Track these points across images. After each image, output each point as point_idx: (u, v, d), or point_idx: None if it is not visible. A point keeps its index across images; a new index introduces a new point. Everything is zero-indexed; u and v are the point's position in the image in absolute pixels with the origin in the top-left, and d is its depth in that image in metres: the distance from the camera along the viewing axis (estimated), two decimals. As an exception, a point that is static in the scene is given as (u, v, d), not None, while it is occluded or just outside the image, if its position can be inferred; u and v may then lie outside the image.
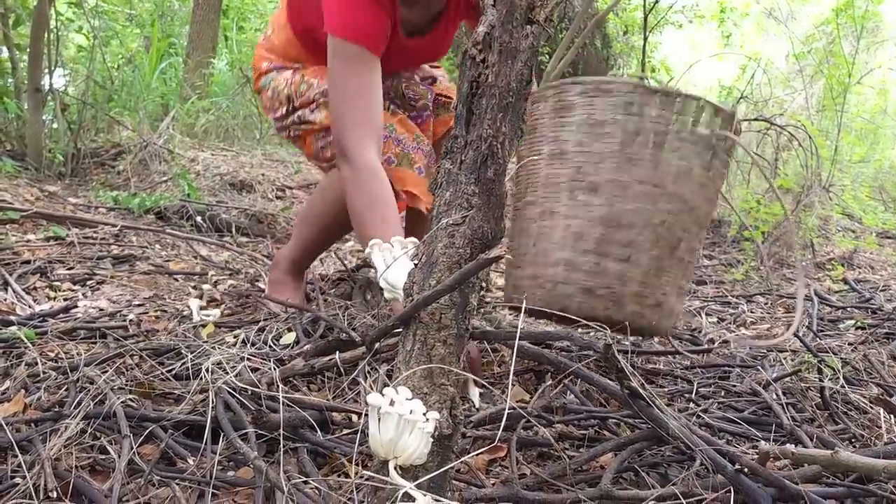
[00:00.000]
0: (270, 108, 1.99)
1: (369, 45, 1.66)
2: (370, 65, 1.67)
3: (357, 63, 1.66)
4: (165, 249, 2.81)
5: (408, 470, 1.00)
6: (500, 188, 1.04)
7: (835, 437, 1.48)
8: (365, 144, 1.61)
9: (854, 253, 4.80)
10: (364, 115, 1.64)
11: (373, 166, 1.60)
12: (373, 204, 1.57)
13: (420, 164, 1.81)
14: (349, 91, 1.65)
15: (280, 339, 1.69)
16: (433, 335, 1.04)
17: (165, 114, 5.48)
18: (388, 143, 1.80)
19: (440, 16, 1.90)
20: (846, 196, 5.95)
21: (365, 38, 1.66)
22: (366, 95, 1.65)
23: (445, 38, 1.96)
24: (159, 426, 1.26)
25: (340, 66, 1.66)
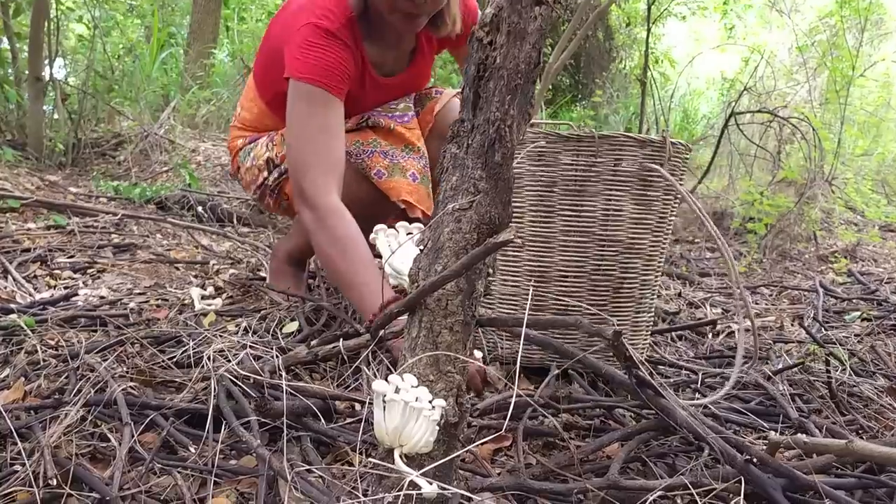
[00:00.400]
0: (251, 181, 1.96)
1: (328, 84, 1.64)
2: (330, 105, 1.65)
3: (316, 104, 1.64)
4: (166, 239, 2.79)
5: (413, 458, 0.98)
6: (508, 173, 1.02)
7: (843, 428, 1.47)
8: (324, 186, 1.59)
9: (857, 246, 4.79)
10: (323, 156, 1.62)
11: (334, 207, 1.58)
12: (337, 244, 1.54)
13: (413, 171, 1.78)
14: (308, 132, 1.63)
15: (282, 328, 1.67)
16: (439, 322, 1.02)
17: (166, 104, 5.46)
18: (375, 157, 1.77)
19: (415, 53, 1.90)
20: (849, 189, 5.93)
21: (323, 77, 1.64)
22: (325, 137, 1.63)
23: (423, 73, 1.96)
24: (160, 414, 1.25)
25: (298, 107, 1.65)
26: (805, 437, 1.04)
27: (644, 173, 1.52)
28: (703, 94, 9.77)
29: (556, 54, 5.74)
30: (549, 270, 1.54)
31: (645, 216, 1.56)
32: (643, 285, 1.63)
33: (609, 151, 1.50)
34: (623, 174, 1.51)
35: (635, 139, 1.51)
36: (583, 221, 1.53)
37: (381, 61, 1.83)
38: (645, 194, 1.55)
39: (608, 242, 1.53)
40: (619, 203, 1.52)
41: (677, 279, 3.25)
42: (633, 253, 1.57)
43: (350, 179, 1.77)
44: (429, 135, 1.88)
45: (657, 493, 1.07)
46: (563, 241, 1.53)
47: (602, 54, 9.50)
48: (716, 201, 5.36)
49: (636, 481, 1.11)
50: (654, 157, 1.53)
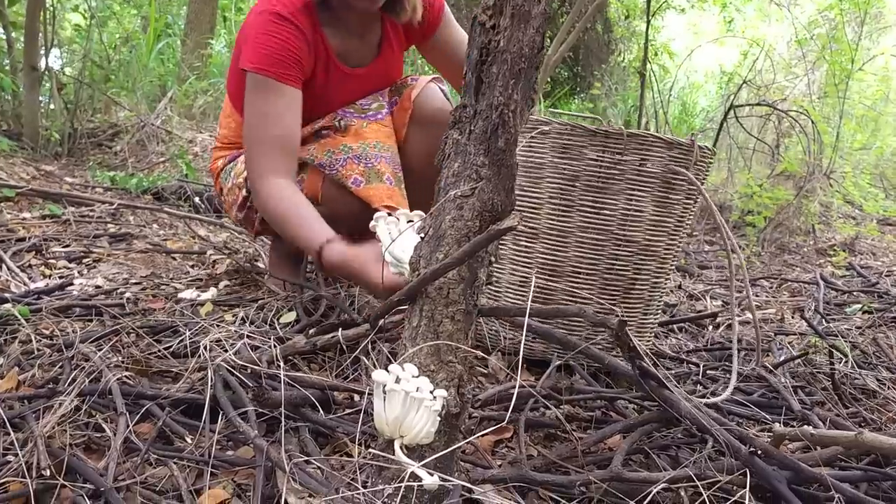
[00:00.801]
0: (233, 202, 1.94)
1: (275, 73, 1.65)
2: (279, 92, 1.66)
3: (266, 92, 1.65)
4: (163, 229, 2.77)
5: (413, 450, 0.96)
6: (511, 159, 1.00)
7: (847, 421, 1.46)
8: (273, 170, 1.62)
9: (856, 239, 4.79)
10: (273, 142, 1.64)
11: (281, 184, 1.62)
12: (277, 219, 1.61)
13: (387, 174, 1.75)
14: (256, 119, 1.65)
15: (280, 318, 1.65)
16: (440, 311, 1.00)
17: (163, 94, 5.43)
18: (349, 164, 1.74)
19: (382, 44, 1.88)
20: (847, 183, 5.92)
21: (271, 66, 1.65)
22: (271, 122, 1.64)
23: (393, 66, 1.93)
24: (156, 404, 1.23)
25: (251, 97, 1.66)
26: (812, 429, 1.03)
27: (668, 175, 1.50)
28: (702, 87, 9.75)
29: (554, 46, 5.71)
30: (563, 265, 1.51)
31: (664, 218, 1.54)
32: (654, 287, 1.60)
33: (635, 150, 1.48)
34: (647, 174, 1.49)
35: (663, 140, 1.49)
36: (602, 219, 1.50)
37: (345, 50, 1.80)
38: (667, 196, 1.52)
39: (624, 242, 1.51)
40: (640, 203, 1.50)
41: (677, 271, 3.23)
42: (648, 255, 1.54)
43: (333, 195, 1.77)
44: (409, 121, 1.85)
45: (660, 486, 1.06)
46: (580, 237, 1.51)
47: (601, 47, 9.47)
48: (714, 194, 5.35)
49: (639, 473, 1.10)
50: (681, 160, 1.51)
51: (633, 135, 1.48)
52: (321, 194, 1.77)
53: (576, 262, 1.51)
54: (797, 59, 6.88)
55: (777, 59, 6.63)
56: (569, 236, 1.52)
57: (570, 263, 1.51)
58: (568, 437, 1.32)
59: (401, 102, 1.86)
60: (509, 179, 1.00)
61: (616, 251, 1.51)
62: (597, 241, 1.52)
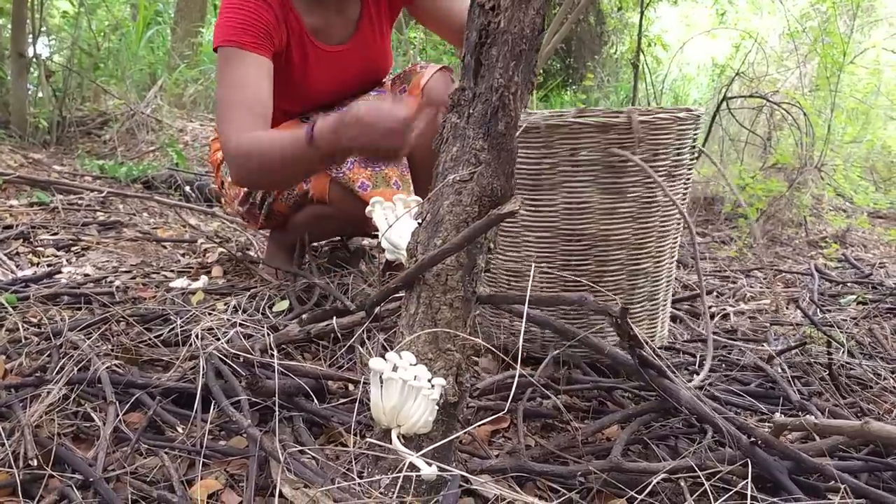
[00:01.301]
0: (235, 195, 1.91)
1: (240, 41, 1.60)
2: (245, 60, 1.61)
3: (233, 62, 1.60)
4: (153, 217, 2.74)
5: (411, 439, 0.94)
6: (511, 143, 0.98)
7: (845, 411, 1.45)
8: (236, 131, 1.54)
9: (847, 232, 4.79)
10: (242, 106, 1.57)
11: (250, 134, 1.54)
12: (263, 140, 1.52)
13: (395, 178, 1.73)
14: (226, 89, 1.59)
15: (273, 307, 1.63)
16: (438, 298, 0.98)
17: (153, 83, 5.37)
18: (356, 168, 1.72)
19: (360, 18, 1.83)
20: (838, 176, 5.93)
21: (235, 36, 1.60)
22: (244, 88, 1.59)
23: (375, 43, 1.88)
24: (146, 393, 1.20)
25: (221, 73, 1.62)
26: (815, 419, 1.01)
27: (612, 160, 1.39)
28: (694, 79, 9.74)
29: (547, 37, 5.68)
30: (521, 264, 1.47)
31: (617, 206, 1.42)
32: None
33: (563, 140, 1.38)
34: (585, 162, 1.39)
35: (594, 124, 1.37)
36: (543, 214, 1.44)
37: (322, 28, 1.76)
38: (617, 181, 1.40)
39: (576, 238, 1.43)
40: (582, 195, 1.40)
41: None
42: (614, 243, 1.46)
43: (340, 196, 1.74)
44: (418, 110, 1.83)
45: (660, 476, 1.04)
46: (528, 237, 1.45)
47: (593, 38, 9.45)
48: (706, 186, 5.34)
49: (639, 464, 1.08)
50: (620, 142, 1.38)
51: (553, 126, 1.38)
52: (328, 195, 1.76)
53: (529, 259, 1.46)
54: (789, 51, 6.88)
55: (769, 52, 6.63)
56: (517, 237, 1.48)
57: (525, 264, 1.47)
58: (565, 428, 1.31)
59: (410, 90, 1.84)
60: (509, 164, 0.98)
61: (567, 247, 1.44)
62: (543, 238, 1.45)
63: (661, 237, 1.50)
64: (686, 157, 1.49)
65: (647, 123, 1.39)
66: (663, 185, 1.36)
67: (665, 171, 1.44)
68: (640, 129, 1.36)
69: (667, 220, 1.51)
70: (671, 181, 1.46)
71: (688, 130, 1.45)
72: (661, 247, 1.51)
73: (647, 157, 1.40)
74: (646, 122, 1.38)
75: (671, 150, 1.44)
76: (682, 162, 1.48)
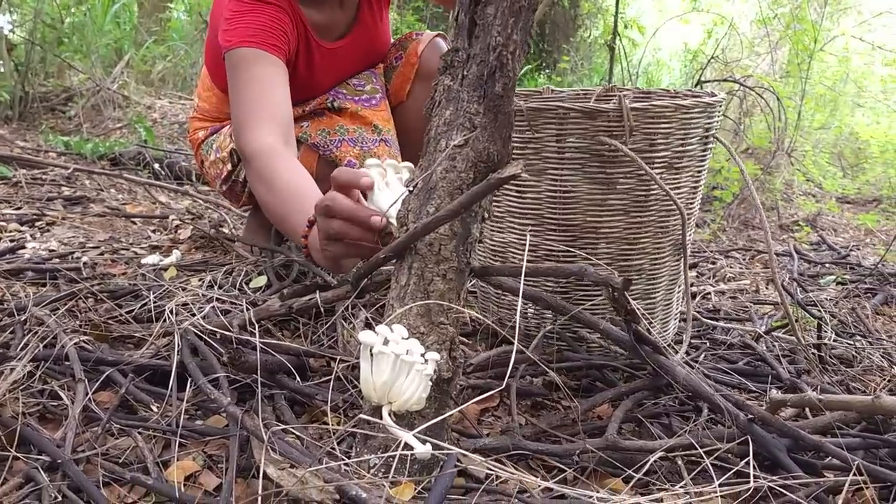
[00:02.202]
0: (217, 175, 1.82)
1: (258, 42, 1.50)
2: (262, 61, 1.50)
3: (248, 64, 1.50)
4: (121, 193, 2.64)
5: (402, 417, 0.90)
6: (509, 106, 0.93)
7: (836, 388, 1.43)
8: (254, 133, 1.43)
9: (818, 216, 4.84)
10: (257, 106, 1.46)
11: (267, 147, 1.39)
12: (264, 182, 1.36)
13: (385, 157, 1.67)
14: (242, 92, 1.48)
15: (250, 283, 1.57)
16: (431, 269, 0.93)
17: (119, 59, 5.21)
18: (344, 146, 1.65)
19: (359, 8, 1.76)
20: (807, 161, 5.98)
21: (251, 37, 1.50)
22: (257, 89, 1.48)
23: (377, 32, 1.81)
24: (118, 370, 1.14)
25: (233, 75, 1.51)
26: (818, 395, 0.98)
27: (599, 148, 1.30)
28: (666, 65, 9.75)
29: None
30: (504, 250, 1.42)
31: (608, 196, 1.33)
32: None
33: (548, 124, 1.30)
34: (572, 149, 1.30)
35: (580, 109, 1.28)
36: (528, 200, 1.36)
37: (324, 25, 1.69)
38: (605, 170, 1.31)
39: (565, 229, 1.35)
40: (570, 185, 1.32)
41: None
42: (606, 236, 1.39)
43: (324, 173, 1.66)
44: (415, 77, 1.77)
45: (658, 454, 1.01)
46: (511, 222, 1.39)
47: (567, 22, 9.40)
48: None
49: (635, 442, 1.05)
50: (610, 130, 1.29)
51: (538, 110, 1.29)
52: (316, 173, 1.69)
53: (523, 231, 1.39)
54: (760, 38, 6.91)
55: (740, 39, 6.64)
56: (501, 221, 1.42)
57: (509, 249, 1.41)
58: (556, 406, 1.27)
59: (406, 57, 1.78)
60: (506, 128, 0.94)
61: (556, 236, 1.37)
62: (527, 225, 1.37)
63: (660, 234, 1.41)
64: (695, 147, 1.38)
65: (641, 111, 1.29)
66: (656, 176, 1.26)
67: (664, 163, 1.35)
68: (631, 116, 1.27)
69: (667, 217, 1.40)
70: (674, 173, 1.37)
71: (696, 119, 1.35)
72: (661, 244, 1.42)
73: (643, 146, 1.31)
74: (639, 109, 1.29)
75: (672, 140, 1.34)
76: (690, 152, 1.38)
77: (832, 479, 0.98)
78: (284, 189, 1.31)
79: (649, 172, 1.26)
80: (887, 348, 1.73)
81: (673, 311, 1.57)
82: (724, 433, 1.08)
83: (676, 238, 1.45)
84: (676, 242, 1.45)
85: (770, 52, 6.49)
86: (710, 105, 1.38)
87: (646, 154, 1.31)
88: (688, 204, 1.45)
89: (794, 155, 5.48)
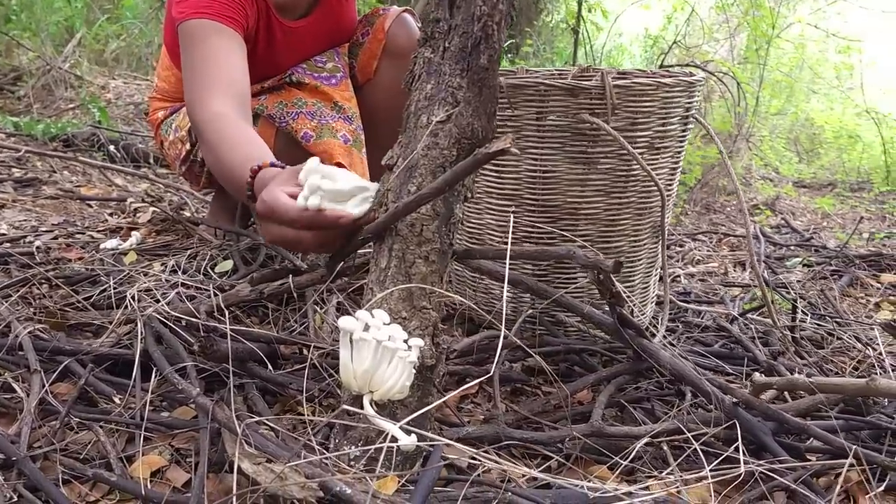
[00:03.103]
0: (176, 155, 1.73)
1: (212, 14, 1.42)
2: (217, 33, 1.42)
3: (203, 36, 1.41)
4: (75, 175, 2.53)
5: (384, 406, 0.85)
6: (494, 79, 0.89)
7: (812, 369, 1.43)
8: (211, 101, 1.32)
9: (777, 199, 4.91)
10: (212, 78, 1.36)
11: (220, 115, 1.30)
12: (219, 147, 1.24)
13: (344, 132, 1.60)
14: (196, 64, 1.39)
15: (215, 267, 1.50)
16: (413, 250, 0.89)
17: (70, 37, 5.03)
18: (301, 119, 1.58)
19: None
20: (764, 146, 6.06)
21: (205, 8, 1.41)
22: (213, 60, 1.39)
23: (341, 11, 1.72)
24: (76, 360, 1.08)
25: (187, 47, 1.42)
26: (809, 378, 0.97)
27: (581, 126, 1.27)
28: (627, 50, 9.79)
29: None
30: (482, 231, 1.38)
31: (589, 174, 1.30)
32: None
33: (529, 102, 1.26)
34: (552, 126, 1.27)
35: (561, 86, 1.24)
36: (505, 181, 1.33)
37: (286, 3, 1.61)
38: (588, 148, 1.28)
39: (544, 209, 1.32)
40: (550, 163, 1.29)
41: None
42: (585, 214, 1.36)
43: (286, 149, 1.58)
44: (382, 53, 1.71)
45: (644, 440, 0.98)
46: (489, 203, 1.34)
47: (529, 6, 9.36)
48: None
49: (621, 428, 1.02)
50: (592, 107, 1.26)
51: (517, 87, 1.25)
52: (274, 149, 1.61)
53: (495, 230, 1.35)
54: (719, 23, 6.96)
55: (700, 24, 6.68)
56: (479, 202, 1.38)
57: (487, 231, 1.38)
58: (535, 392, 1.24)
59: (373, 33, 1.71)
60: (491, 102, 0.89)
61: (535, 217, 1.32)
62: (505, 206, 1.34)
63: (640, 214, 1.38)
64: (676, 127, 1.36)
65: (624, 89, 1.26)
66: (637, 156, 1.24)
67: (646, 142, 1.32)
68: (614, 94, 1.24)
69: (647, 197, 1.38)
70: (654, 154, 1.34)
71: (677, 98, 1.33)
72: (640, 225, 1.39)
73: (625, 125, 1.28)
74: (622, 87, 1.26)
75: (654, 119, 1.31)
76: (670, 133, 1.35)
77: (819, 463, 0.97)
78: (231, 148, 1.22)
79: (631, 152, 1.23)
80: (856, 329, 1.74)
81: (650, 293, 1.56)
82: (707, 417, 1.07)
83: (655, 220, 1.42)
84: (655, 224, 1.43)
85: (729, 38, 6.54)
86: (692, 84, 1.36)
87: (627, 133, 1.28)
88: (667, 185, 1.43)
89: (751, 140, 5.55)
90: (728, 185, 4.76)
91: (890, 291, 2.21)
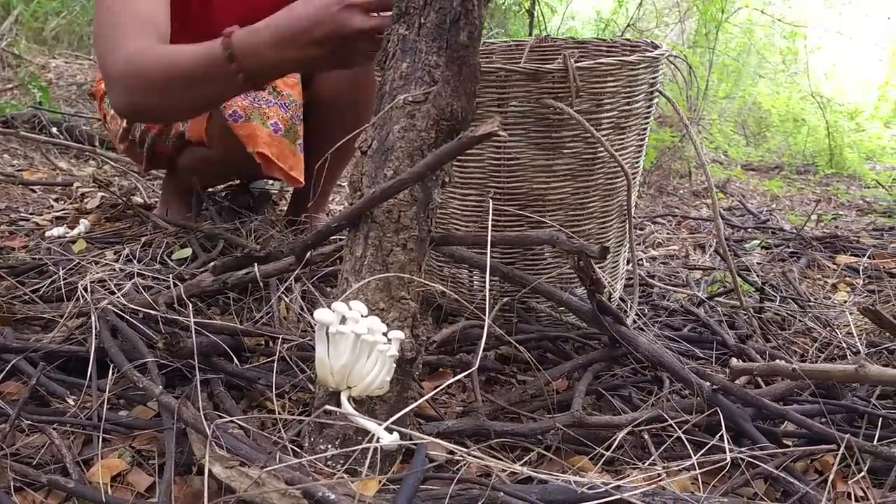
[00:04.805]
0: (116, 132, 1.65)
1: None
2: None
3: None
4: (16, 159, 2.41)
5: (362, 402, 0.81)
6: (474, 57, 0.85)
7: (781, 352, 1.43)
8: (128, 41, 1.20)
9: (727, 182, 4.98)
10: (128, 18, 1.23)
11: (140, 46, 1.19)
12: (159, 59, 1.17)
13: (276, 119, 1.49)
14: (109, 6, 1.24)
15: (172, 255, 1.43)
16: (390, 238, 0.84)
17: (7, 14, 4.80)
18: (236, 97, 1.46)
19: None
20: (713, 130, 6.16)
21: None
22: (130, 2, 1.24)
23: None
24: (25, 358, 1.01)
25: None
26: (791, 364, 0.96)
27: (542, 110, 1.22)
28: (580, 33, 9.81)
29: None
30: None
31: (553, 162, 1.26)
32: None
33: (490, 87, 1.20)
34: (516, 112, 1.22)
35: (517, 70, 1.19)
36: (470, 171, 1.29)
37: None
38: (549, 134, 1.24)
39: (511, 195, 1.28)
40: (512, 152, 1.24)
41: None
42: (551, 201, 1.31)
43: (219, 133, 1.50)
44: None
45: (627, 430, 0.96)
46: (452, 191, 1.30)
47: (482, -12, 9.29)
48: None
49: (602, 417, 1.00)
50: (553, 91, 1.20)
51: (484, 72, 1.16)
52: (206, 133, 1.52)
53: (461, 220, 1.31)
54: (670, 7, 7.02)
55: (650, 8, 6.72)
56: (443, 192, 1.34)
57: (451, 220, 1.33)
58: (510, 381, 1.21)
59: None
60: (471, 82, 0.85)
61: (497, 206, 1.26)
62: (470, 196, 1.29)
63: (607, 196, 1.35)
64: (641, 104, 1.33)
65: (587, 70, 1.21)
66: (602, 140, 1.20)
67: (612, 123, 1.28)
68: (577, 76, 1.18)
69: (613, 179, 1.35)
70: (620, 133, 1.31)
71: (641, 75, 1.29)
72: (608, 207, 1.36)
73: (590, 107, 1.24)
74: (585, 68, 1.21)
75: (619, 99, 1.28)
76: (636, 110, 1.32)
77: (803, 450, 0.96)
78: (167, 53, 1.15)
79: (596, 136, 1.20)
80: (816, 311, 1.76)
81: (619, 275, 1.54)
82: (685, 405, 1.05)
83: (622, 201, 1.40)
84: (622, 205, 1.41)
85: (679, 21, 6.60)
86: (655, 59, 1.34)
87: (592, 115, 1.25)
88: (633, 164, 1.40)
89: (701, 123, 5.63)
90: (681, 169, 4.82)
91: (846, 273, 2.25)
